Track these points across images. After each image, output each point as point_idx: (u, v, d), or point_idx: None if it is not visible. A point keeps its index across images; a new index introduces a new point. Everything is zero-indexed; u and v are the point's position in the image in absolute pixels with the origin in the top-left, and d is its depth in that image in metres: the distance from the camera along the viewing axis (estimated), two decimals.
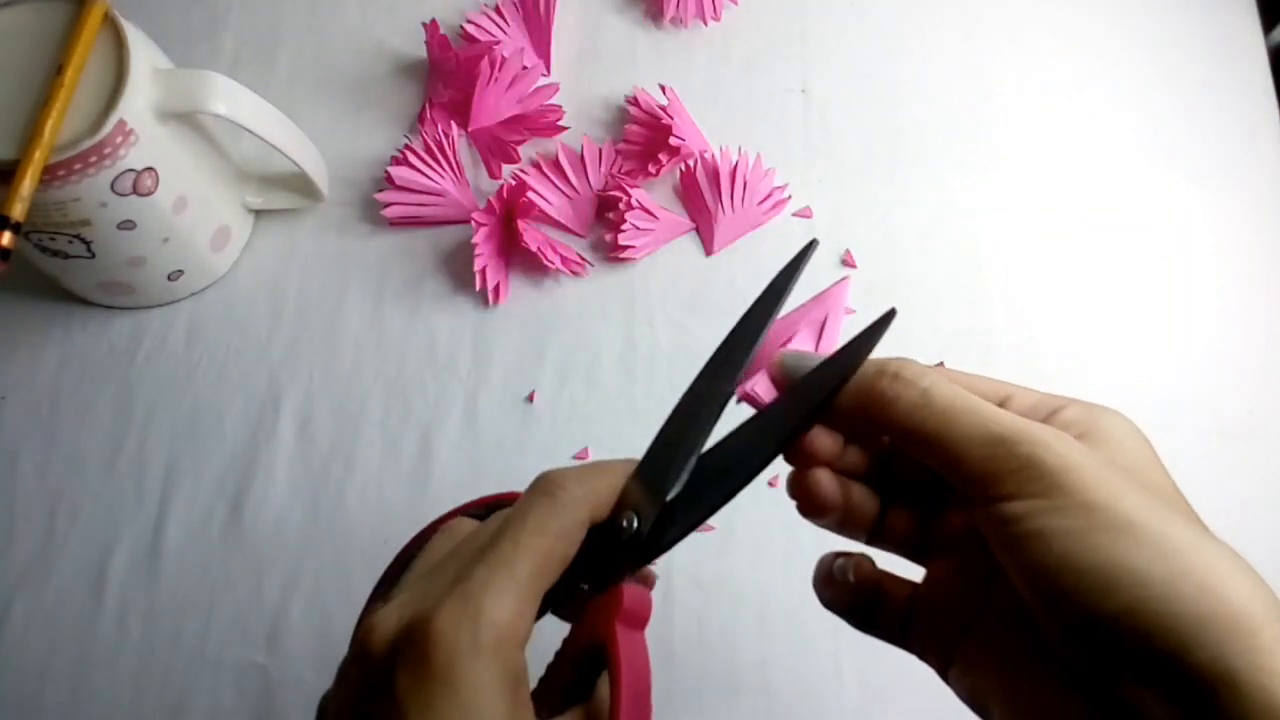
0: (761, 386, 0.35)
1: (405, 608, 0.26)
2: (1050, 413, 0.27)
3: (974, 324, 0.53)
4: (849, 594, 0.30)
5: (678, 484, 0.29)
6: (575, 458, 0.50)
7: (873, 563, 0.31)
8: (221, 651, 0.47)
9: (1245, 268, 0.55)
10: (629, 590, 0.28)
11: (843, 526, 0.30)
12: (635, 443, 0.28)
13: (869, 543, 0.31)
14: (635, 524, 0.28)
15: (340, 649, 0.51)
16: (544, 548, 0.26)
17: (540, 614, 0.27)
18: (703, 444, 0.29)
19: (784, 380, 0.30)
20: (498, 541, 0.26)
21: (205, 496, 0.50)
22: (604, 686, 0.28)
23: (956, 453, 0.25)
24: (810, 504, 0.29)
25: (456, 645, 0.24)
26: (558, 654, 0.28)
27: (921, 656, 0.30)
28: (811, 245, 0.31)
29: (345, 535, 0.49)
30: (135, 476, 0.51)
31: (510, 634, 0.25)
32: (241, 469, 0.51)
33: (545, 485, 0.28)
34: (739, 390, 0.29)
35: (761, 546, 0.48)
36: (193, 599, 0.48)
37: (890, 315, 0.28)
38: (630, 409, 0.51)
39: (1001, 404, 0.28)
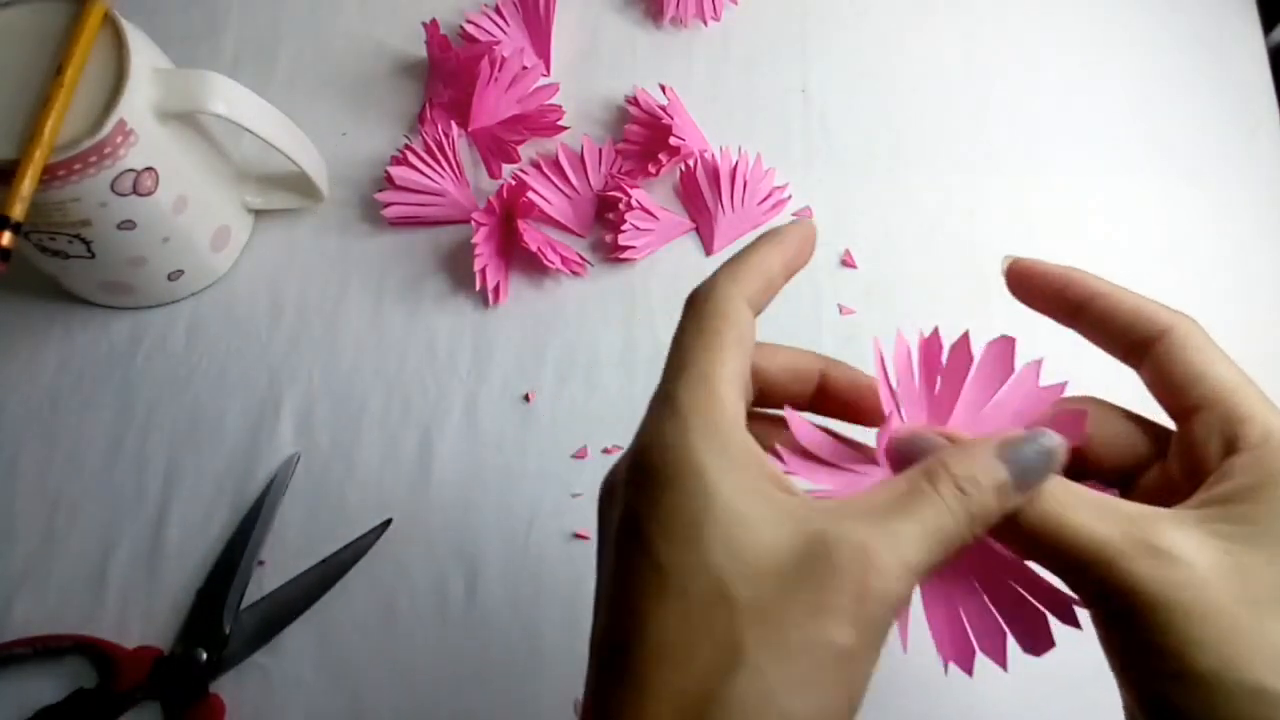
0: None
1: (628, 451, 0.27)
2: (1229, 439, 0.27)
3: (974, 324, 0.53)
4: None
5: None
6: (574, 457, 0.50)
7: None
8: None
9: (1245, 267, 0.55)
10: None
11: None
12: None
13: None
14: None
15: (340, 649, 0.51)
16: (704, 340, 0.27)
17: None
18: None
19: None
20: (668, 364, 0.27)
21: (205, 496, 0.50)
22: None
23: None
24: None
25: (662, 438, 0.25)
26: None
27: None
28: None
29: (345, 536, 0.49)
30: (135, 476, 0.51)
31: (711, 405, 0.25)
32: (241, 469, 0.51)
33: (690, 300, 0.28)
34: None
35: None
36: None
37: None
38: (630, 409, 0.51)
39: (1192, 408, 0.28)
